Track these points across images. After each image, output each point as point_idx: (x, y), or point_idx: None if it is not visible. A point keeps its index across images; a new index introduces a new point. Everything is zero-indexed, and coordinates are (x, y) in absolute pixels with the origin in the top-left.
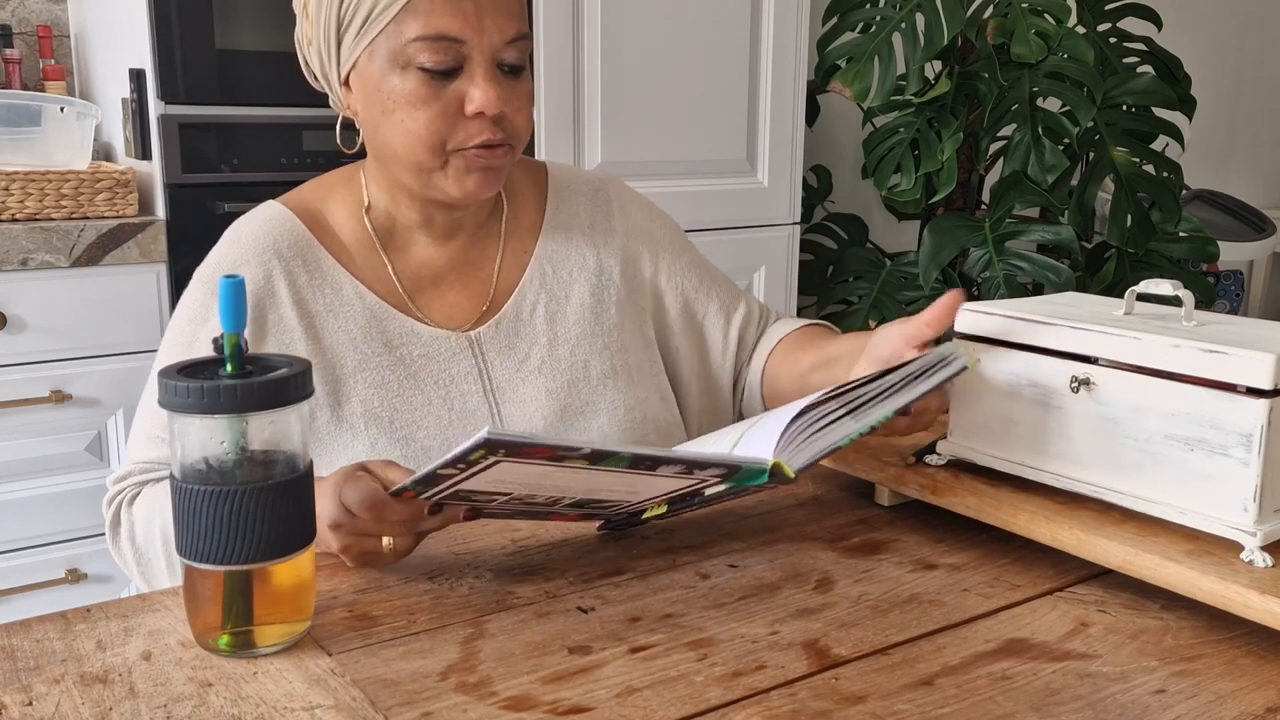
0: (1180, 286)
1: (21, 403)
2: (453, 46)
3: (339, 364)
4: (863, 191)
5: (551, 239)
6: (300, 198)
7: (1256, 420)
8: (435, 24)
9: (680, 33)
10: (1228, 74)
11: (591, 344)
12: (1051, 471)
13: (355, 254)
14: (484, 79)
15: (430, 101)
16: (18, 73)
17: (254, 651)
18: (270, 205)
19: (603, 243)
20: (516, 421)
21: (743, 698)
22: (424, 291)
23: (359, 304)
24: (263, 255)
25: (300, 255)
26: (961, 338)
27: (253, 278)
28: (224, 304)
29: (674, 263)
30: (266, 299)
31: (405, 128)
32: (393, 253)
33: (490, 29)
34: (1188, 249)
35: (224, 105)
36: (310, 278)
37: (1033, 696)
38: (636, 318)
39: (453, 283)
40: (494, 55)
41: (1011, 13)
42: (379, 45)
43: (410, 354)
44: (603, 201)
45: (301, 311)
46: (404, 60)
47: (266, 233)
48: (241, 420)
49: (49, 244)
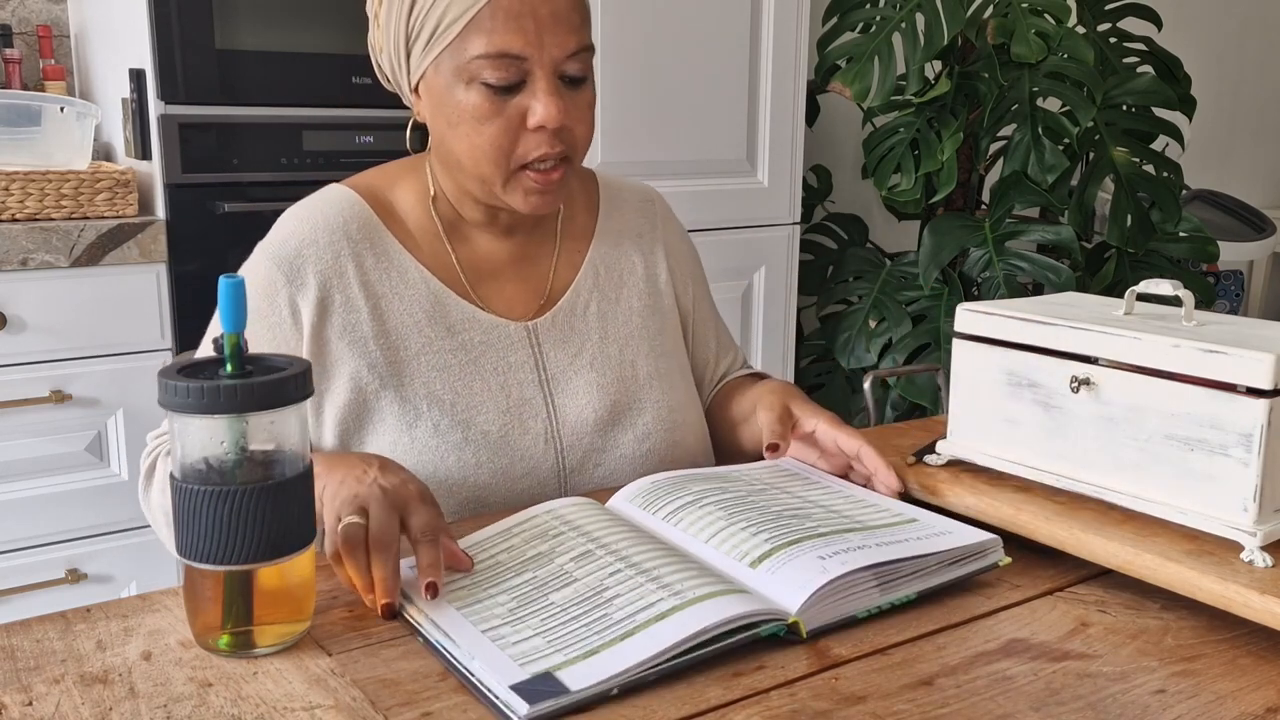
0: (1180, 286)
1: (21, 403)
2: (514, 63)
3: (403, 345)
4: (863, 191)
5: (604, 243)
6: (366, 182)
7: (1256, 420)
8: (497, 42)
9: (680, 33)
10: (1228, 74)
11: (639, 345)
12: (1051, 471)
13: (421, 240)
14: (545, 93)
15: (494, 116)
16: (18, 73)
17: (254, 651)
18: (336, 188)
19: (649, 250)
20: (569, 412)
21: (743, 698)
22: (484, 282)
23: (424, 288)
24: (332, 236)
25: (368, 238)
26: (962, 337)
27: (320, 258)
28: (224, 304)
29: (696, 291)
30: (334, 279)
31: (471, 141)
32: (456, 242)
33: (551, 44)
34: (1188, 249)
35: (224, 105)
36: (377, 260)
37: (1033, 696)
38: (674, 326)
39: (510, 276)
40: (555, 69)
41: (1011, 13)
42: (444, 60)
43: (471, 340)
44: (649, 213)
45: (368, 293)
46: (468, 76)
47: (336, 214)
48: (241, 420)
49: (49, 244)
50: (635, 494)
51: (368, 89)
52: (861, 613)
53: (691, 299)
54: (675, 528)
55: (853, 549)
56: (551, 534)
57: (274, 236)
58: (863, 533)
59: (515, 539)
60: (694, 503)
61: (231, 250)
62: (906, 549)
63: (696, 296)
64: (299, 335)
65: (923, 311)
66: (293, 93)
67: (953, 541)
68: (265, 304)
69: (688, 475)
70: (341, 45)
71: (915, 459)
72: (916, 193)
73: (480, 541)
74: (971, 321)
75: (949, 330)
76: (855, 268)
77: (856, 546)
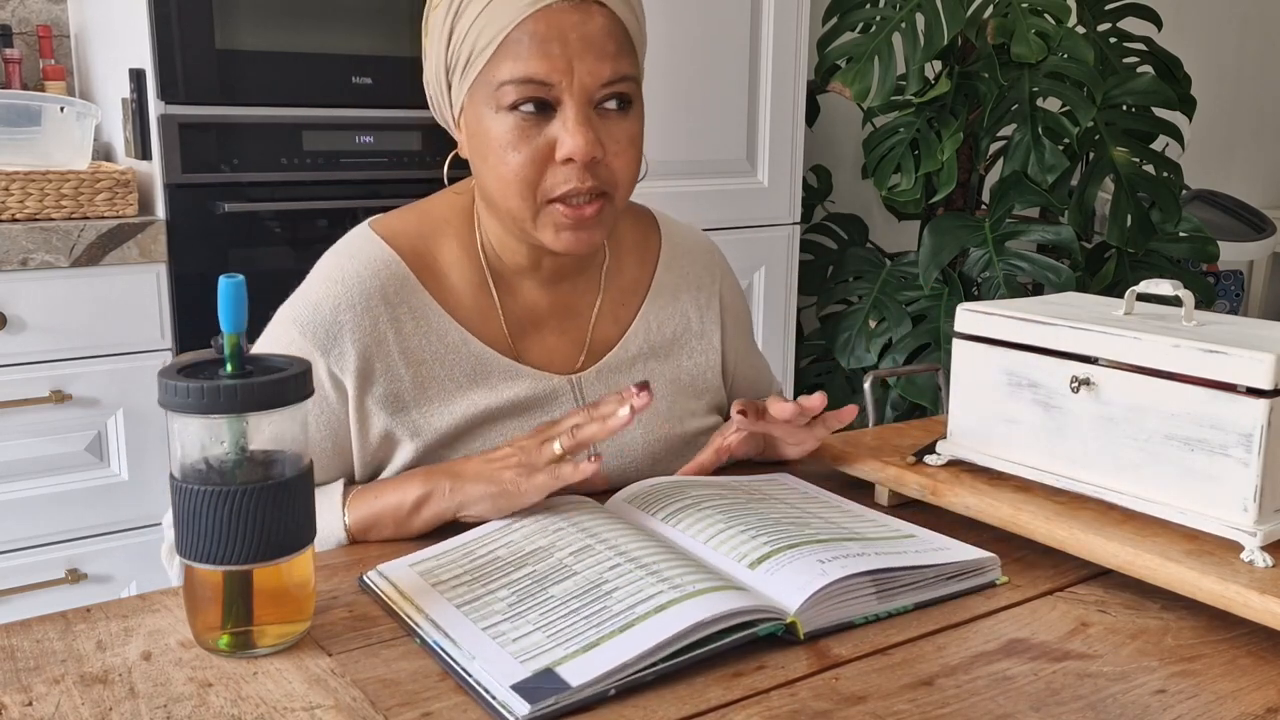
0: (1180, 286)
1: (21, 403)
2: (541, 88)
3: (447, 411)
4: (863, 191)
5: (660, 295)
6: (405, 234)
7: (1256, 420)
8: (523, 67)
9: (680, 33)
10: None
11: (687, 401)
12: (1051, 471)
13: (463, 295)
14: (575, 123)
15: (521, 146)
16: (18, 73)
17: (254, 651)
18: (370, 239)
19: (706, 305)
20: (614, 469)
21: (743, 698)
22: (525, 334)
23: (464, 350)
24: (369, 301)
25: (406, 301)
26: (962, 337)
27: (359, 324)
28: (224, 304)
29: (743, 344)
30: (374, 347)
31: (498, 172)
32: (502, 294)
33: (581, 72)
34: (1188, 249)
35: (224, 105)
36: (416, 325)
37: (1033, 696)
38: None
39: (553, 327)
40: (588, 98)
41: (1011, 13)
42: (478, 88)
43: (517, 397)
44: (711, 266)
45: (409, 360)
46: (497, 103)
47: (373, 275)
48: (241, 420)
49: (49, 244)
50: (634, 495)
51: (368, 89)
52: (859, 619)
53: (736, 353)
54: (674, 529)
55: (852, 555)
56: (550, 529)
57: (303, 302)
58: (861, 542)
59: (514, 534)
60: (693, 506)
61: (231, 250)
62: (905, 559)
63: (741, 350)
64: (345, 407)
65: (923, 311)
66: (293, 93)
67: (951, 556)
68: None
69: (688, 480)
70: (341, 45)
71: (915, 459)
72: (916, 193)
73: (479, 538)
74: (971, 321)
75: (949, 330)
76: (855, 268)
77: (856, 554)
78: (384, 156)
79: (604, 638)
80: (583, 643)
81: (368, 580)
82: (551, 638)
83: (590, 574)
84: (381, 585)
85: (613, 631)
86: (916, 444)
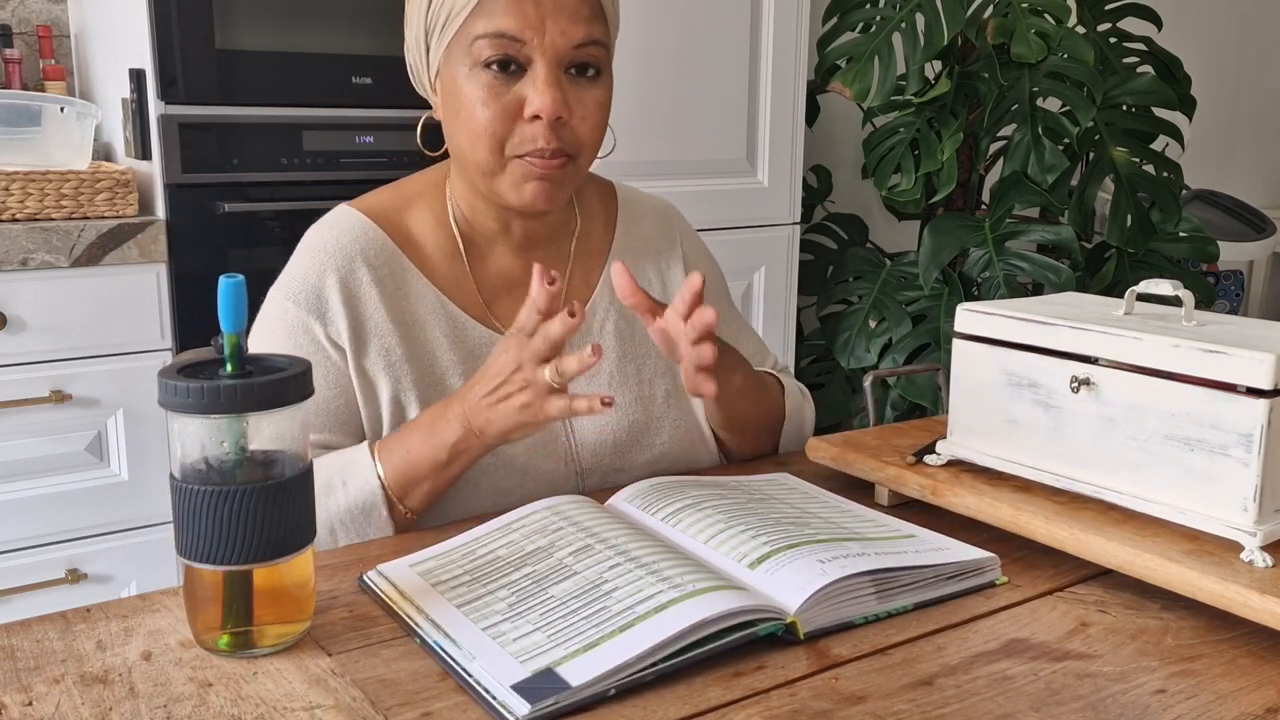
0: (1180, 286)
1: (21, 403)
2: (513, 45)
3: (433, 368)
4: (863, 191)
5: (621, 258)
6: (380, 205)
7: (1256, 420)
8: (496, 23)
9: (680, 33)
10: (1228, 74)
11: (656, 363)
12: (1051, 471)
13: (438, 262)
14: (544, 82)
15: (491, 102)
16: (18, 73)
17: (254, 651)
18: (348, 212)
19: (666, 266)
20: (587, 432)
21: (743, 698)
22: (500, 300)
23: (442, 313)
24: (351, 264)
25: (386, 264)
26: (962, 337)
27: (344, 286)
28: (224, 304)
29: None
30: (361, 306)
31: (469, 128)
32: (474, 261)
33: (553, 31)
34: (1188, 249)
35: (224, 105)
36: (397, 287)
37: (1033, 696)
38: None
39: (525, 294)
40: (558, 58)
41: (1011, 13)
42: (454, 47)
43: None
44: (666, 228)
45: (395, 319)
46: (471, 60)
47: (353, 241)
48: (241, 420)
49: (49, 244)
50: (634, 495)
51: (368, 89)
52: (859, 619)
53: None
54: (674, 529)
55: (852, 555)
56: (550, 529)
57: (289, 276)
58: (861, 542)
59: (514, 534)
60: (693, 506)
61: (231, 250)
62: (905, 559)
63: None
64: (347, 365)
65: (923, 311)
66: (293, 93)
67: (951, 556)
68: (307, 346)
69: (687, 480)
70: (341, 45)
71: (915, 459)
72: (916, 193)
73: (479, 538)
74: (971, 321)
75: (949, 330)
76: (855, 268)
77: (856, 554)
78: (384, 156)
79: (604, 637)
80: (583, 642)
81: (368, 580)
82: (552, 638)
83: (590, 574)
84: (381, 585)
85: (613, 631)
86: (916, 444)
